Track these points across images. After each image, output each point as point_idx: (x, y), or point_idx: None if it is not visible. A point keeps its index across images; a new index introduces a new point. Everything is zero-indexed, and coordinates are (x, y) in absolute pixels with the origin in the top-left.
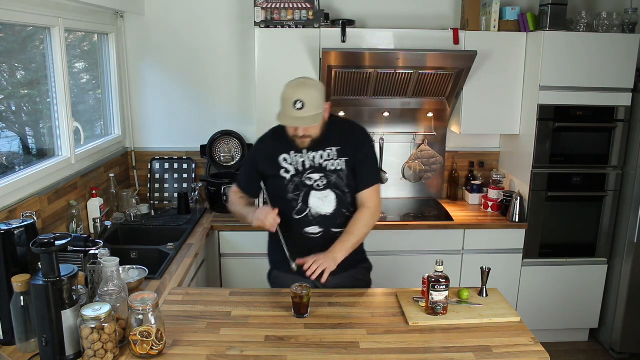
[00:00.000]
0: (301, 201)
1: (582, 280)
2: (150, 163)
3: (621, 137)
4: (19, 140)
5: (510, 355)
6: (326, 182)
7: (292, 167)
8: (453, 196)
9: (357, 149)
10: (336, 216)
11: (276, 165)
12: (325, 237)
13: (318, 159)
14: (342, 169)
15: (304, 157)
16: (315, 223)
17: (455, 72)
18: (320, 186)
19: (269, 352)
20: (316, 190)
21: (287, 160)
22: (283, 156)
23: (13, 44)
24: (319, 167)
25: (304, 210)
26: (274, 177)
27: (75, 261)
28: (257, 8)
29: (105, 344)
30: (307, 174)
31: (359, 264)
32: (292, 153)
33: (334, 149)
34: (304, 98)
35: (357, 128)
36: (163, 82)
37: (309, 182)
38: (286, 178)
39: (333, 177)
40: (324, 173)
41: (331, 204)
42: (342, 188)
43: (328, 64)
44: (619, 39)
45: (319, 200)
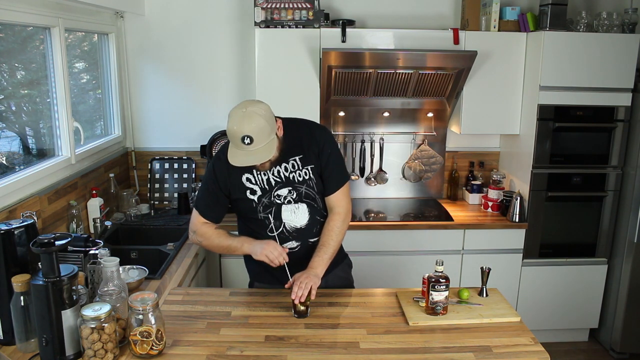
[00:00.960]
0: (273, 218)
1: (582, 280)
2: (150, 163)
3: (621, 137)
4: (19, 140)
5: (510, 355)
6: (296, 195)
7: (257, 187)
8: (453, 196)
9: (320, 153)
10: (311, 226)
11: (240, 187)
12: (303, 250)
13: (283, 172)
14: (309, 177)
15: (268, 175)
16: (291, 238)
17: (455, 72)
18: (290, 201)
19: (269, 352)
20: (286, 204)
21: (250, 180)
22: (246, 176)
23: (13, 44)
24: (285, 180)
25: (277, 226)
26: (240, 200)
27: (75, 261)
28: (257, 8)
29: (105, 344)
30: (275, 191)
31: (341, 262)
32: (254, 172)
33: (297, 159)
34: (251, 132)
35: (315, 130)
36: (163, 82)
37: (278, 200)
38: (254, 200)
39: (302, 187)
40: (292, 186)
41: (304, 215)
42: (313, 196)
43: (328, 64)
44: (619, 39)
45: (291, 213)
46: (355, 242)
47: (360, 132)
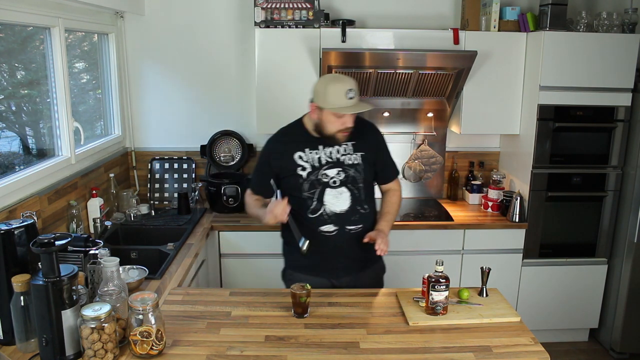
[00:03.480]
0: (316, 199)
1: (582, 280)
2: (150, 163)
3: (621, 137)
4: (19, 140)
5: (510, 355)
6: (344, 177)
7: (308, 164)
8: (453, 196)
9: (373, 144)
10: (350, 214)
11: (292, 163)
12: (339, 235)
13: (335, 153)
14: (359, 163)
15: (320, 153)
16: (330, 221)
17: (455, 72)
18: (336, 183)
19: (269, 352)
20: (331, 188)
21: (302, 158)
22: (298, 154)
23: (13, 44)
24: (336, 161)
25: (318, 209)
26: (289, 177)
27: (75, 261)
28: (257, 8)
29: (105, 344)
30: (323, 170)
31: (374, 264)
32: (306, 150)
33: (349, 144)
34: (354, 87)
35: (368, 123)
36: (163, 82)
37: (325, 178)
38: (302, 176)
39: (351, 171)
40: (342, 167)
41: (345, 202)
42: (358, 183)
43: (328, 64)
44: (619, 39)
45: (334, 197)
46: None
47: None
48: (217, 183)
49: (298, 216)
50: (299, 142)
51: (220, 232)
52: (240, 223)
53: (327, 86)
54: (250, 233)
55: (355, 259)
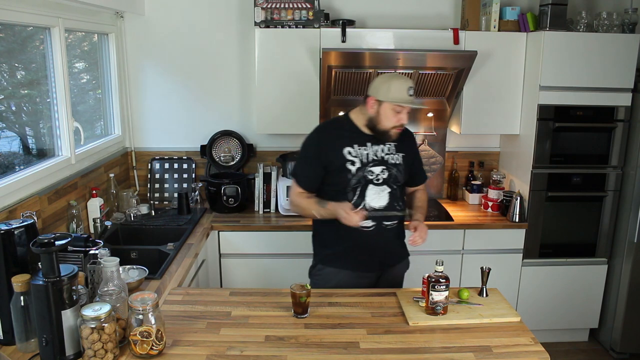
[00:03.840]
0: (358, 195)
1: (582, 280)
2: (150, 163)
3: (621, 137)
4: (19, 140)
5: (510, 355)
6: (387, 175)
7: (357, 160)
8: (453, 196)
9: (411, 148)
10: (388, 210)
11: (341, 158)
12: (377, 231)
13: (380, 152)
14: (400, 163)
15: (368, 150)
16: (368, 217)
17: (455, 72)
18: (379, 180)
19: (269, 352)
20: (374, 185)
21: (351, 153)
22: (347, 149)
23: (13, 44)
24: (381, 160)
25: (358, 204)
26: (337, 170)
27: (75, 261)
28: (257, 8)
29: (105, 344)
30: (370, 167)
31: (402, 260)
32: (355, 146)
33: (392, 144)
34: (413, 85)
35: (407, 129)
36: (163, 82)
37: (370, 175)
38: (351, 171)
39: (394, 170)
40: (385, 166)
41: (384, 198)
42: (398, 182)
43: (328, 64)
44: (619, 39)
45: (375, 194)
46: None
47: None
48: (217, 183)
49: None
50: (348, 137)
51: (220, 232)
52: (240, 223)
53: (391, 81)
54: (250, 233)
55: (388, 254)
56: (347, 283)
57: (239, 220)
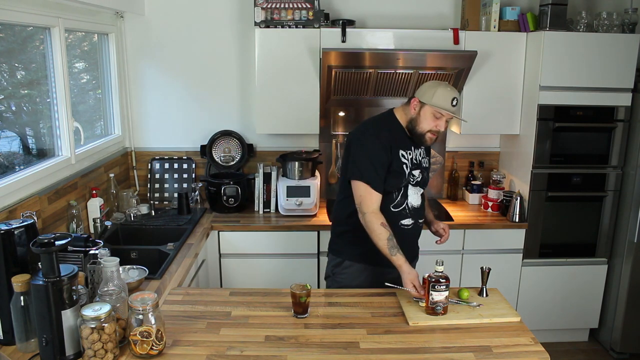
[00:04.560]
0: (401, 195)
1: (582, 280)
2: (150, 163)
3: (621, 137)
4: (19, 140)
5: (510, 355)
6: (421, 179)
7: (408, 163)
8: (453, 196)
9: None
10: (421, 209)
11: (398, 160)
12: (414, 229)
13: (417, 156)
14: (428, 167)
15: (412, 154)
16: (409, 215)
17: (455, 72)
18: (418, 182)
19: (269, 352)
20: (411, 185)
21: (404, 156)
22: (401, 152)
23: (13, 44)
24: (418, 163)
25: (401, 203)
26: (396, 172)
27: (75, 261)
28: (257, 8)
29: (105, 344)
30: (413, 170)
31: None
32: (406, 149)
33: (422, 150)
34: (458, 97)
35: None
36: (163, 82)
37: (412, 178)
38: (405, 173)
39: (425, 173)
40: (421, 169)
41: (420, 198)
42: (426, 184)
43: (328, 64)
44: (619, 39)
45: (414, 194)
46: None
47: None
48: (217, 183)
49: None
50: (402, 139)
51: (220, 232)
52: (240, 223)
53: (438, 87)
54: (250, 233)
55: (412, 250)
56: (373, 279)
57: (239, 220)
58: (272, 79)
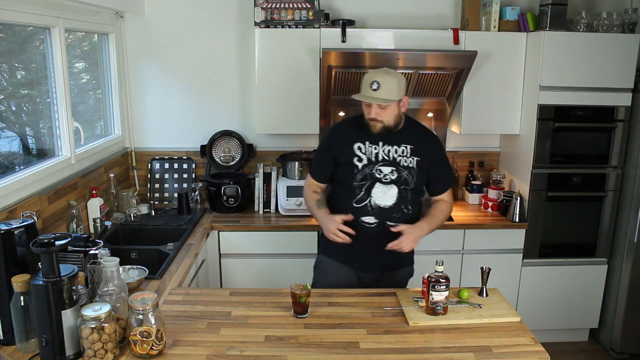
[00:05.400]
0: (364, 191)
1: (582, 280)
2: (150, 163)
3: (621, 137)
4: (19, 140)
5: (510, 355)
6: (396, 177)
7: (365, 157)
8: (453, 196)
9: (431, 153)
10: (394, 210)
11: (350, 152)
12: (379, 229)
13: (392, 153)
14: (413, 167)
15: (379, 149)
16: (372, 214)
17: (455, 72)
18: (387, 179)
19: (269, 352)
20: (381, 183)
21: (361, 149)
22: (358, 144)
23: (13, 44)
24: (392, 160)
25: (364, 199)
26: (345, 164)
27: (75, 261)
28: (257, 8)
29: (105, 344)
30: (378, 166)
31: (404, 266)
32: (367, 143)
33: (408, 147)
34: (381, 81)
35: (431, 133)
36: (163, 82)
37: (378, 174)
38: (358, 167)
39: (404, 172)
40: (396, 167)
41: (392, 198)
42: (409, 185)
43: (328, 64)
44: (619, 39)
45: (382, 192)
46: None
47: None
48: (217, 183)
49: (343, 203)
50: (362, 133)
51: (220, 232)
52: (240, 223)
53: (364, 76)
54: (250, 233)
55: (389, 256)
56: (346, 281)
57: (239, 220)
58: (272, 79)
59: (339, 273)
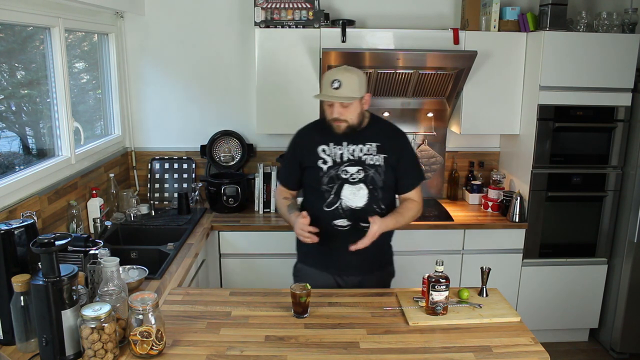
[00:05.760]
0: (333, 193)
1: (582, 280)
2: (150, 163)
3: (621, 137)
4: (19, 140)
5: (510, 355)
6: (363, 176)
7: (329, 159)
8: (453, 196)
9: (398, 149)
10: (366, 211)
11: (314, 156)
12: (352, 231)
13: (357, 152)
14: (380, 165)
15: (343, 150)
16: (344, 216)
17: (455, 72)
18: (355, 179)
19: (269, 352)
20: (350, 184)
21: (325, 152)
22: (322, 147)
23: (13, 44)
24: (357, 160)
25: (334, 202)
26: (311, 168)
27: (75, 261)
28: (257, 8)
29: (105, 344)
30: (344, 167)
31: (383, 267)
32: (331, 145)
33: (373, 145)
34: (342, 79)
35: (396, 129)
36: (163, 82)
37: (345, 175)
38: (323, 169)
39: (371, 171)
40: (362, 166)
41: (362, 199)
42: (377, 184)
43: (328, 64)
44: (619, 39)
45: (351, 194)
46: None
47: None
48: (217, 183)
49: (314, 208)
50: (325, 135)
51: (220, 232)
52: (240, 223)
53: (325, 74)
54: (250, 233)
55: (365, 258)
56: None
57: (239, 220)
58: (272, 79)
59: (318, 280)
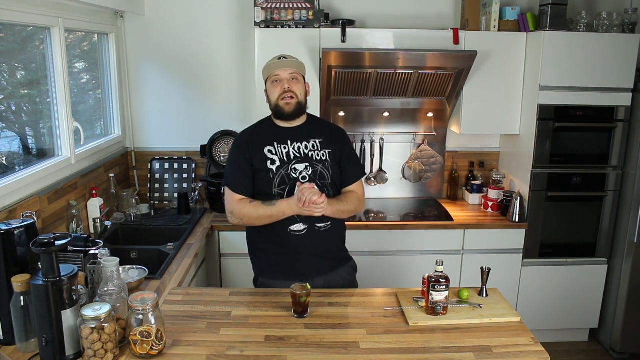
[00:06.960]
0: (286, 195)
1: (582, 280)
2: (150, 163)
3: (621, 137)
4: (19, 140)
5: (510, 355)
6: (311, 172)
7: (276, 158)
8: (453, 196)
9: (339, 143)
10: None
11: (263, 157)
12: (310, 234)
13: (303, 149)
14: (326, 160)
15: (288, 148)
16: (299, 220)
17: (455, 72)
18: (305, 178)
19: (269, 352)
20: (301, 183)
21: (271, 152)
22: (267, 148)
23: (13, 44)
24: (304, 156)
25: None
26: (260, 171)
27: (75, 261)
28: (257, 8)
29: (105, 344)
30: (293, 165)
31: (345, 263)
32: (275, 144)
33: (317, 141)
34: (287, 55)
35: (336, 126)
36: (163, 82)
37: (294, 173)
38: (273, 170)
39: (319, 166)
40: (309, 162)
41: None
42: (326, 180)
43: (328, 64)
44: (619, 39)
45: None
46: (356, 242)
47: (360, 132)
48: (217, 183)
49: None
50: (268, 136)
51: (220, 232)
52: None
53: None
54: None
55: (325, 258)
56: None
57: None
58: None
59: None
